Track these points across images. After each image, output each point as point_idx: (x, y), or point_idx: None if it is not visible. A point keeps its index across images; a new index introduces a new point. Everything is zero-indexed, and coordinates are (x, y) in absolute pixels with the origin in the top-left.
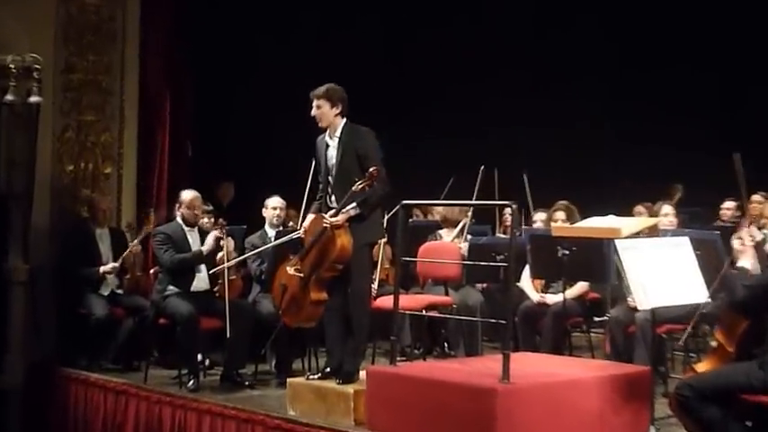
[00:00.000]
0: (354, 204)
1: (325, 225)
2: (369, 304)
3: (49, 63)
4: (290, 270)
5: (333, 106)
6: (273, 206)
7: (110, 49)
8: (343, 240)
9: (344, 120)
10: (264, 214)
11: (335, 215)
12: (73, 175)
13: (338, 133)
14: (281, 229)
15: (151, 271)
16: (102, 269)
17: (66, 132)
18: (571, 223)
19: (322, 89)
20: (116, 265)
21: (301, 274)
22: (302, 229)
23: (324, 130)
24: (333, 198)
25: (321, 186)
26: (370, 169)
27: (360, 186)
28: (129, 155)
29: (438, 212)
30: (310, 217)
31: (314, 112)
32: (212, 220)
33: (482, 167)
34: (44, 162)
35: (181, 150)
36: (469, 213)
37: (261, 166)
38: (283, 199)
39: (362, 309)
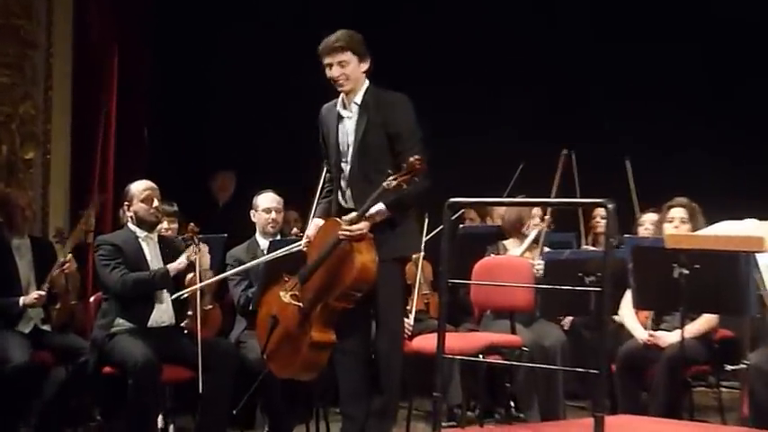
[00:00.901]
0: (383, 207)
1: (341, 235)
2: (401, 346)
3: None
4: (285, 297)
5: (361, 60)
6: (266, 207)
7: None
8: (365, 258)
9: (367, 81)
10: (254, 218)
11: (357, 221)
12: None
13: (358, 99)
14: (277, 238)
15: (91, 298)
16: (21, 300)
17: None
18: (693, 230)
19: (343, 37)
20: (42, 293)
21: (300, 304)
22: (305, 240)
23: (333, 95)
24: (348, 193)
25: (329, 176)
26: (411, 159)
27: (394, 182)
28: (59, 133)
29: (501, 215)
30: (317, 222)
31: (335, 71)
32: (173, 225)
33: (564, 152)
34: None
35: (134, 128)
36: (547, 217)
37: (251, 151)
38: (281, 196)
39: (393, 353)
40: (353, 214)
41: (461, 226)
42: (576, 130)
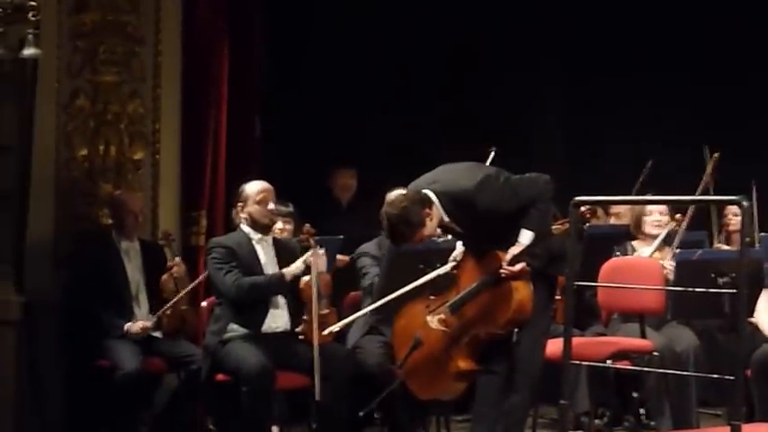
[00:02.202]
0: (526, 228)
1: (502, 273)
2: (544, 347)
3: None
4: (432, 321)
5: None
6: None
7: None
8: (522, 295)
9: None
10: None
11: (518, 259)
12: (87, 163)
13: None
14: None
15: (203, 303)
16: (126, 327)
17: (76, 100)
18: None
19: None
20: (148, 324)
21: (448, 330)
22: (452, 263)
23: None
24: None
25: None
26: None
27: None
28: (168, 133)
29: (628, 214)
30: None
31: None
32: (289, 226)
33: (706, 148)
34: (45, 144)
35: (246, 127)
36: (680, 216)
37: (375, 146)
38: None
39: (535, 353)
40: (514, 250)
41: (587, 226)
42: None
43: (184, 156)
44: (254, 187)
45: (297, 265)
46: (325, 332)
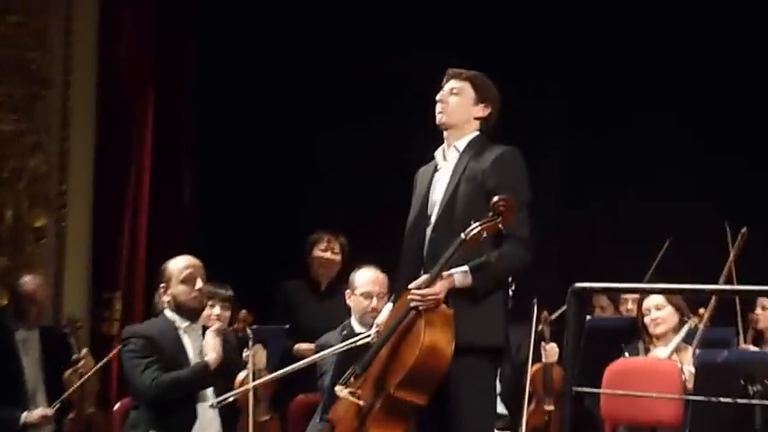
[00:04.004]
0: (466, 268)
1: (409, 300)
2: None
3: None
4: (341, 392)
5: (478, 101)
6: (366, 291)
7: (47, 4)
8: (437, 334)
9: (477, 133)
10: (349, 301)
11: (430, 282)
12: None
13: (461, 144)
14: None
15: (116, 406)
16: (23, 417)
17: None
18: None
19: (471, 73)
20: (49, 412)
21: (360, 402)
22: (375, 329)
23: (431, 144)
24: (429, 264)
25: (407, 245)
26: (495, 198)
27: (474, 231)
28: (77, 195)
29: (639, 305)
30: (389, 307)
31: (439, 96)
32: (226, 313)
33: (743, 230)
34: None
35: (174, 189)
36: (702, 310)
37: (355, 210)
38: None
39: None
40: (424, 276)
41: (589, 318)
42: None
43: (96, 223)
44: (178, 263)
45: (209, 343)
46: None
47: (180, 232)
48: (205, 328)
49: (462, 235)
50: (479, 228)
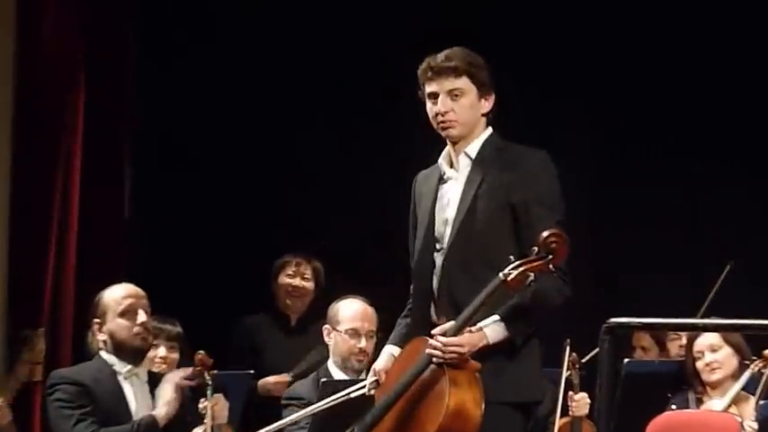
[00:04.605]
0: (498, 318)
1: (428, 352)
2: None
3: None
4: None
5: (482, 95)
6: (352, 327)
7: None
8: (464, 395)
9: (489, 132)
10: (329, 339)
11: (455, 333)
12: None
13: (473, 151)
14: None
15: None
16: None
17: None
18: None
19: (459, 56)
20: None
21: None
22: (371, 378)
23: (432, 150)
24: (442, 301)
25: (415, 274)
26: (545, 234)
27: (514, 273)
28: None
29: (689, 345)
30: (390, 352)
31: (442, 105)
32: (174, 355)
33: None
34: None
35: (109, 204)
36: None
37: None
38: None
39: None
40: (449, 324)
41: (627, 361)
42: None
43: (13, 247)
44: (115, 293)
45: (165, 395)
46: None
47: (117, 257)
48: (153, 375)
49: (501, 275)
50: (524, 268)
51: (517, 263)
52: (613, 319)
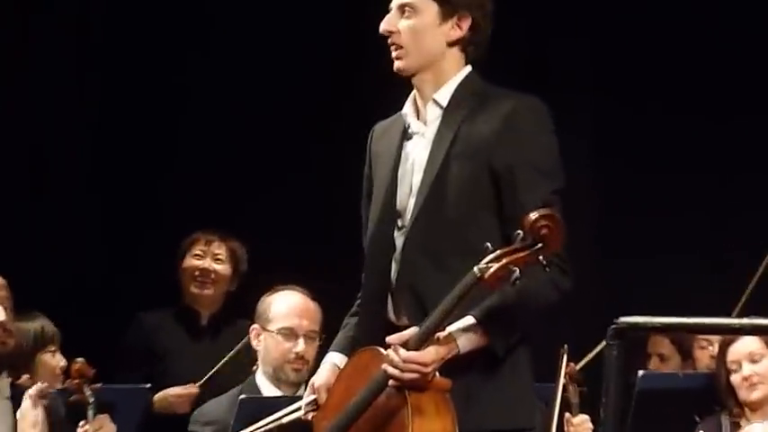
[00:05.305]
0: (473, 321)
1: (386, 372)
2: None
3: None
4: None
5: (446, 15)
6: (287, 325)
7: None
8: (431, 427)
9: (468, 68)
10: (257, 345)
11: (417, 345)
12: None
13: (444, 97)
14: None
15: None
16: None
17: None
18: None
19: None
20: None
21: None
22: (309, 396)
23: (393, 96)
24: (402, 295)
25: (369, 259)
26: (531, 215)
27: (494, 266)
28: None
29: (721, 353)
30: (333, 361)
31: (384, 24)
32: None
33: None
34: None
35: None
36: None
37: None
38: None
39: None
40: (411, 331)
41: (642, 373)
42: None
43: None
44: None
45: (24, 411)
46: None
47: None
48: (17, 387)
49: (476, 270)
50: (506, 260)
51: (497, 253)
52: (623, 319)
